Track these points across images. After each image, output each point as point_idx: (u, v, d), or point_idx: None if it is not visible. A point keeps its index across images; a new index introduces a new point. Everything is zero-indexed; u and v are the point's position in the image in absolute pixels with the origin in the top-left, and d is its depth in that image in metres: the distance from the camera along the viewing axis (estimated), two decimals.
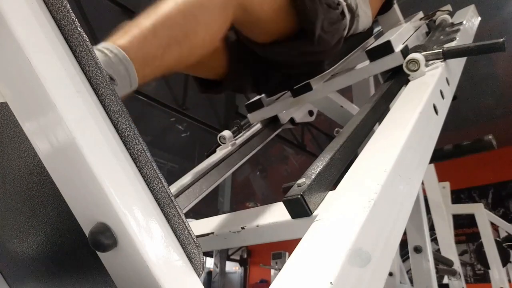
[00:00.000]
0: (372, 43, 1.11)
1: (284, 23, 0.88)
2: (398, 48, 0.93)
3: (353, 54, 1.21)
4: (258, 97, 1.23)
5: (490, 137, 0.99)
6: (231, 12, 0.75)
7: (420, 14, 1.32)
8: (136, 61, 0.61)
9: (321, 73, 1.03)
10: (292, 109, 1.30)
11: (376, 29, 1.40)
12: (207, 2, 0.70)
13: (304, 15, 0.85)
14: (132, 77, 0.61)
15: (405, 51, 0.92)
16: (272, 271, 6.80)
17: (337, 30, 0.97)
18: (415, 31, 1.14)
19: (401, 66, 0.87)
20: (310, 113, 1.44)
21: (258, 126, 1.28)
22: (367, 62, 0.97)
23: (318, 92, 1.09)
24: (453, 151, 1.14)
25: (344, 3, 1.02)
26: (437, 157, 1.13)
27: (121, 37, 0.62)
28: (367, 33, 1.27)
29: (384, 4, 1.30)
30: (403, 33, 1.04)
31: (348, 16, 1.04)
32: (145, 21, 0.65)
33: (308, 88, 1.07)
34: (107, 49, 0.59)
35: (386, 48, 0.93)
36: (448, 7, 1.28)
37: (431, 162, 0.85)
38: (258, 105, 1.22)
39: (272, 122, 1.29)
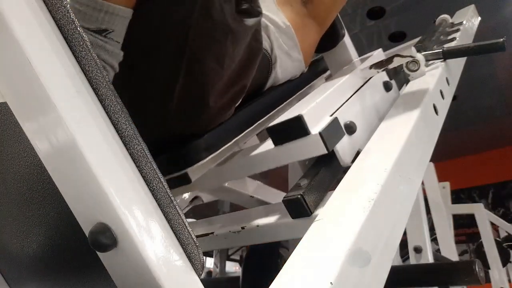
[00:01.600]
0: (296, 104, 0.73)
1: None
2: (318, 126, 0.58)
3: (274, 114, 0.81)
4: None
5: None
6: None
7: (378, 55, 0.90)
8: None
9: (193, 163, 0.64)
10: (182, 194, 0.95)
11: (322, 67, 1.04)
12: None
13: None
14: (117, 11, 0.54)
15: (330, 134, 0.57)
16: None
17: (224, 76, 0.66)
18: (363, 84, 0.75)
19: (328, 154, 0.58)
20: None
21: None
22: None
23: (203, 183, 0.75)
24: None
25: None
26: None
27: None
28: (302, 80, 0.91)
29: (327, 38, 0.93)
30: (335, 95, 0.67)
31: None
32: None
33: (185, 180, 0.67)
34: (77, 2, 0.52)
35: (295, 128, 0.57)
36: (412, 52, 0.72)
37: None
38: None
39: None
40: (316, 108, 0.60)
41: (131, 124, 0.36)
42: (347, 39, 0.98)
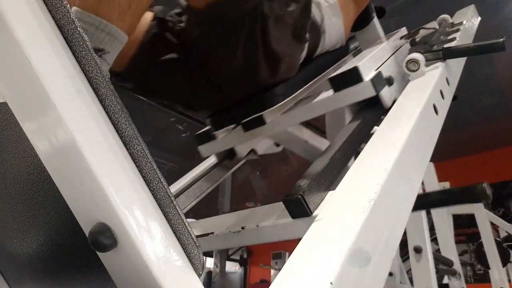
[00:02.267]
0: (348, 62, 0.94)
1: None
2: (368, 76, 0.75)
3: (323, 77, 1.00)
4: (206, 128, 1.05)
5: (484, 185, 0.85)
6: None
7: (403, 31, 1.12)
8: (112, 18, 0.57)
9: (273, 105, 0.83)
10: (249, 142, 1.07)
11: (353, 45, 1.22)
12: None
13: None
14: (117, 34, 0.58)
15: (377, 81, 0.75)
16: (272, 271, 6.80)
17: (293, 46, 0.83)
18: (395, 52, 0.94)
19: (374, 97, 0.74)
20: (277, 144, 1.20)
21: (213, 160, 1.10)
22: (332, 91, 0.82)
23: (273, 126, 0.91)
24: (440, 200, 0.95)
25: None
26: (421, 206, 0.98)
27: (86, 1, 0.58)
28: (341, 52, 1.08)
29: (361, 18, 1.11)
30: (376, 56, 0.86)
31: (309, 33, 0.88)
32: None
33: (260, 122, 0.88)
34: (80, 19, 0.56)
35: (353, 76, 0.75)
36: (434, 25, 1.06)
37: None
38: (210, 136, 1.03)
39: (229, 156, 1.09)
40: (365, 63, 0.78)
41: (131, 124, 0.36)
42: (376, 21, 1.16)
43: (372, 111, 0.76)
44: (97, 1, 0.56)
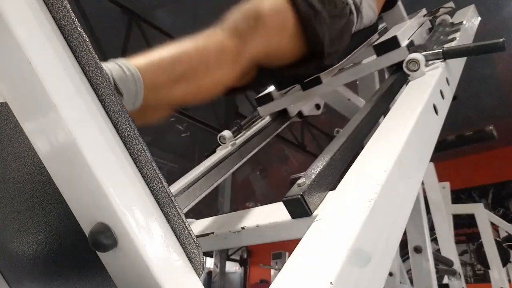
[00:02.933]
0: (377, 39, 1.15)
1: (296, 50, 0.91)
2: (403, 43, 0.95)
3: (360, 49, 1.23)
4: (267, 90, 1.25)
5: (491, 127, 1.03)
6: (244, 64, 0.81)
7: (423, 11, 1.36)
8: (146, 84, 0.63)
9: (330, 68, 1.05)
10: (301, 103, 1.33)
11: (380, 25, 1.41)
12: (222, 53, 0.77)
13: (314, 38, 0.88)
14: (139, 97, 0.63)
15: (411, 46, 0.96)
16: (272, 271, 6.80)
17: (345, 36, 1.00)
18: (419, 27, 1.16)
19: (402, 64, 0.89)
20: (317, 106, 1.48)
21: (267, 119, 1.30)
22: (374, 57, 1.01)
23: (327, 85, 1.11)
24: (455, 141, 1.19)
25: (351, 1, 1.04)
26: (441, 147, 1.18)
27: (140, 59, 0.66)
28: (373, 28, 1.28)
29: (388, 1, 1.32)
30: (407, 29, 1.07)
31: (355, 14, 1.06)
32: (165, 51, 0.70)
33: (318, 82, 1.10)
34: (125, 65, 0.62)
35: (393, 43, 0.96)
36: (451, 4, 1.32)
37: (436, 151, 0.87)
38: (268, 98, 1.24)
39: (281, 116, 1.31)
40: (401, 33, 0.99)
41: (131, 124, 0.36)
42: (400, 3, 1.37)
43: (397, 77, 0.93)
44: None
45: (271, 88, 1.24)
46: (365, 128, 0.74)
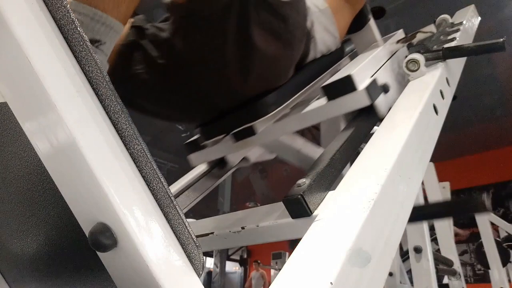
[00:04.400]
0: (343, 67, 0.92)
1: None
2: (363, 84, 0.74)
3: (318, 82, 0.97)
4: (196, 136, 1.03)
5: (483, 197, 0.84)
6: None
7: (400, 34, 1.07)
8: (107, 8, 0.57)
9: (264, 115, 0.79)
10: (241, 152, 1.07)
11: (349, 48, 1.18)
12: None
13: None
14: (113, 24, 0.58)
15: (372, 89, 0.73)
16: (272, 271, 6.81)
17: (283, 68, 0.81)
18: (391, 56, 0.91)
19: (368, 105, 0.72)
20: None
21: (203, 168, 1.08)
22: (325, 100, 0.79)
23: (264, 136, 0.88)
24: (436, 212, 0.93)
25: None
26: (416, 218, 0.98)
27: None
28: (335, 55, 1.05)
29: (356, 20, 1.07)
30: (372, 62, 0.83)
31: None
32: None
33: (251, 132, 0.84)
34: (75, 11, 0.56)
35: (346, 85, 0.73)
36: (431, 28, 1.02)
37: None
38: (200, 145, 1.01)
39: (220, 165, 1.08)
40: (359, 70, 0.76)
41: (131, 124, 0.36)
42: (372, 23, 1.12)
43: (367, 119, 0.74)
44: None
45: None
46: (365, 129, 0.74)
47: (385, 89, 0.76)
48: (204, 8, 0.70)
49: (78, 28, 0.35)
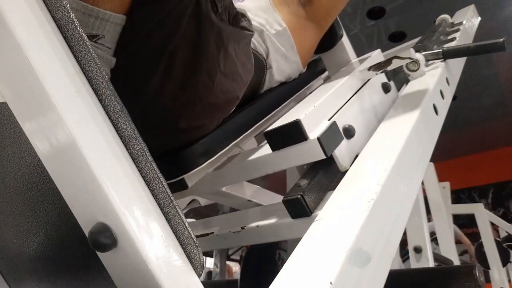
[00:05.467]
0: (294, 108, 0.71)
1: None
2: (316, 130, 0.57)
3: (275, 113, 0.81)
4: None
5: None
6: None
7: (376, 56, 0.88)
8: (99, 3, 0.53)
9: (190, 169, 0.63)
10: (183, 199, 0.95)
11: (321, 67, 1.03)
12: None
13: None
14: (108, 17, 0.54)
15: (328, 139, 0.56)
16: None
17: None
18: (361, 87, 0.73)
19: (327, 159, 0.57)
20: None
21: None
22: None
23: (200, 188, 0.73)
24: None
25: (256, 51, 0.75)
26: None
27: None
28: (300, 80, 0.90)
29: (325, 39, 0.93)
30: (334, 97, 0.66)
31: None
32: None
33: (182, 185, 0.65)
34: (73, 9, 0.51)
35: (293, 133, 0.56)
36: (409, 54, 0.73)
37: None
38: None
39: None
40: (314, 112, 0.59)
41: (131, 124, 0.36)
42: (345, 40, 0.97)
43: (325, 173, 0.58)
44: None
45: None
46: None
47: (348, 133, 0.61)
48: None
49: (78, 28, 0.35)
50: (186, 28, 0.59)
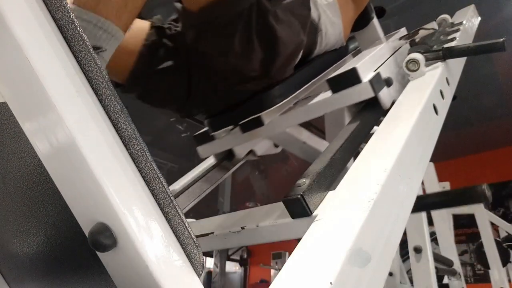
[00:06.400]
0: (347, 62, 0.93)
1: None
2: (367, 77, 0.75)
3: (322, 77, 0.99)
4: (205, 129, 1.04)
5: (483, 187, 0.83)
6: None
7: (402, 32, 1.12)
8: (110, 16, 0.58)
9: (270, 106, 0.83)
10: (249, 143, 1.07)
11: (353, 45, 1.22)
12: None
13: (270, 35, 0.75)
14: (115, 32, 0.59)
15: (376, 82, 0.75)
16: (272, 271, 6.79)
17: (296, 55, 0.84)
18: (394, 52, 0.94)
19: (373, 98, 0.75)
20: (276, 144, 1.20)
21: (211, 162, 1.09)
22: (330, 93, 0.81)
23: (271, 127, 0.90)
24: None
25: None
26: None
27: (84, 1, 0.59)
28: (340, 52, 1.07)
29: (360, 18, 1.11)
30: (375, 57, 0.86)
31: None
32: None
33: (259, 123, 0.86)
34: (77, 17, 0.54)
35: (351, 78, 0.75)
36: (434, 25, 1.06)
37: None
38: (208, 137, 1.03)
39: (228, 157, 1.09)
40: (364, 64, 0.78)
41: (131, 124, 0.36)
42: (375, 21, 1.14)
43: (371, 112, 0.76)
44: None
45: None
46: (365, 129, 0.74)
47: (388, 82, 0.79)
48: (220, 15, 0.72)
49: (78, 28, 0.35)
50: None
